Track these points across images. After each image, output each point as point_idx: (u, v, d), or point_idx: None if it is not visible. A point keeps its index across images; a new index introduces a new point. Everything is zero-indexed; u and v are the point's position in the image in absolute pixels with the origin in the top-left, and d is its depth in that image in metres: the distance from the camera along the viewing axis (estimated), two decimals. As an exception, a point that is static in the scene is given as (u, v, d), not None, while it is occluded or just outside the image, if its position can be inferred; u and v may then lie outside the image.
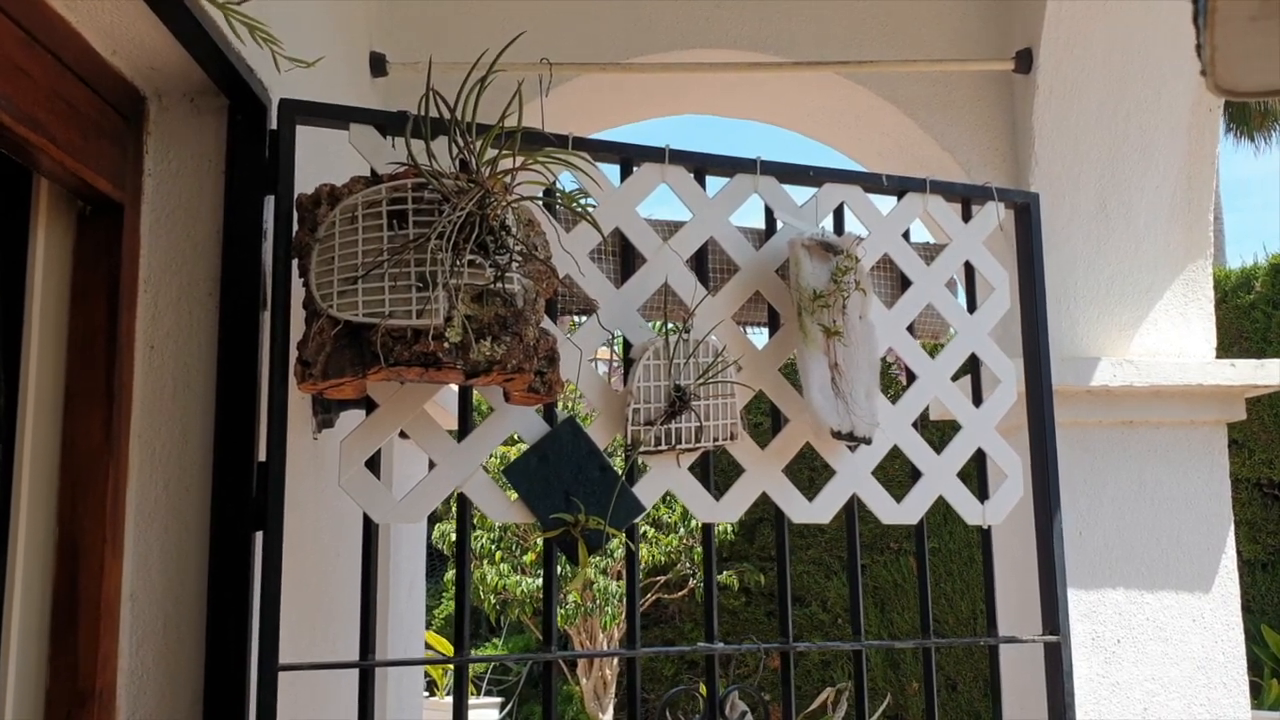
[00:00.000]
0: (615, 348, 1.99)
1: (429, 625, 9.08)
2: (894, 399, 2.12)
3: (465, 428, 1.84)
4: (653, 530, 7.66)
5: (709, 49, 3.03)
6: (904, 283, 2.23)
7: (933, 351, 2.20)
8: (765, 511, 7.28)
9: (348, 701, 1.91)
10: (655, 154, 2.02)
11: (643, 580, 7.51)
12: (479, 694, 8.50)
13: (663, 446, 1.89)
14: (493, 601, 7.81)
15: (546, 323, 1.76)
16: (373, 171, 1.74)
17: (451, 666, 7.34)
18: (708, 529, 2.03)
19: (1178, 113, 2.95)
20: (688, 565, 7.81)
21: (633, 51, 3.00)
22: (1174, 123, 2.95)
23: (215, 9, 1.46)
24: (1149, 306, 2.98)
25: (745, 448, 1.99)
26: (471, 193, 1.53)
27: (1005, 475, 2.21)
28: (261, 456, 1.66)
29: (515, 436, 1.95)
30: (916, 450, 2.15)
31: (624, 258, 2.02)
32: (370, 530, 1.78)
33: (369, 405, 1.75)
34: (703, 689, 1.99)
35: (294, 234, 1.67)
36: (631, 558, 1.96)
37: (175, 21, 1.45)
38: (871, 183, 2.19)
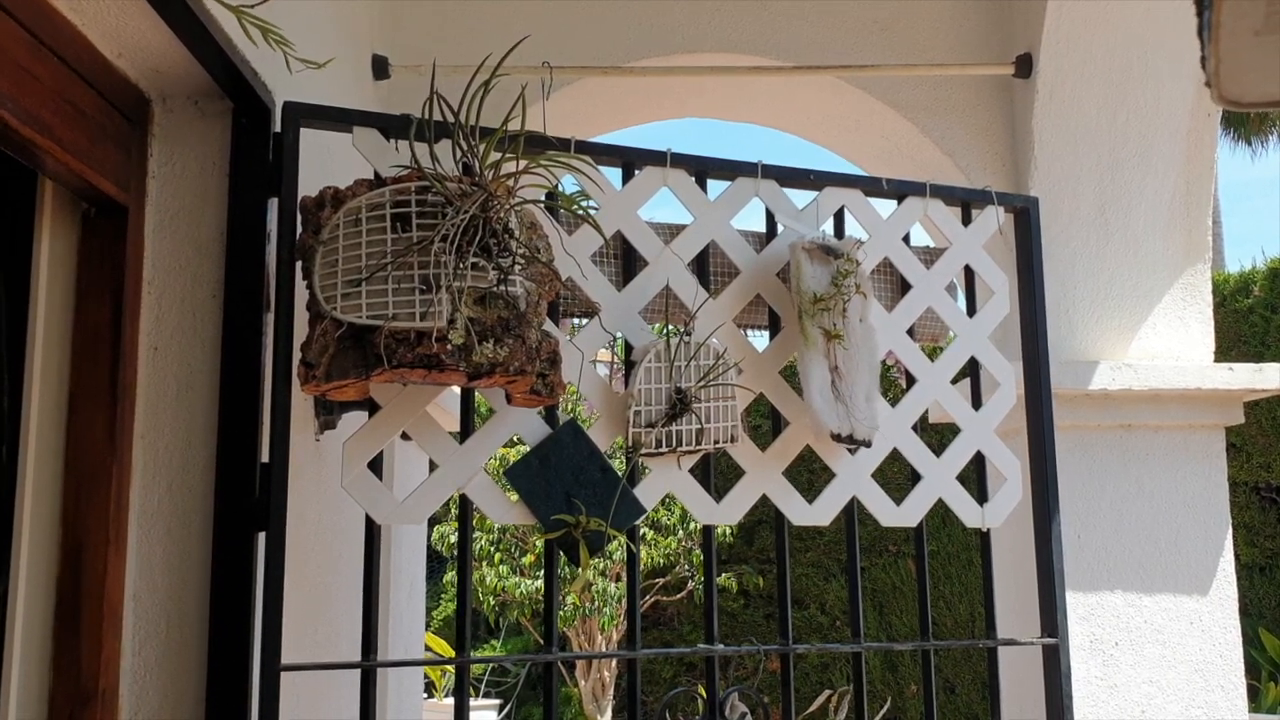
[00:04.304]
0: (616, 350, 2.00)
1: (427, 627, 9.08)
2: (894, 402, 2.13)
3: (467, 429, 1.84)
4: (652, 532, 7.66)
5: (710, 53, 3.04)
6: (904, 286, 2.24)
7: (932, 355, 2.21)
8: (765, 514, 7.29)
9: (349, 701, 1.92)
10: (657, 157, 2.03)
11: (642, 582, 7.52)
12: (477, 695, 8.50)
13: (663, 448, 1.90)
14: (492, 603, 7.81)
15: (548, 325, 1.77)
16: (376, 174, 1.75)
17: (449, 668, 7.33)
18: (708, 531, 2.04)
19: (1176, 117, 2.96)
20: (686, 567, 7.81)
21: (634, 55, 3.01)
22: (1173, 127, 2.96)
23: (227, 12, 1.47)
24: (1148, 310, 2.99)
25: (745, 450, 2.00)
26: (475, 196, 1.54)
27: (1004, 478, 2.22)
28: (264, 458, 1.67)
29: (516, 438, 1.95)
30: (916, 453, 2.15)
31: (625, 260, 2.03)
32: (372, 531, 1.78)
33: (371, 407, 1.76)
34: (702, 691, 2.00)
35: (297, 236, 1.68)
36: (632, 559, 1.96)
37: (180, 24, 1.46)
38: (872, 186, 2.20)
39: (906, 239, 2.23)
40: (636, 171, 2.02)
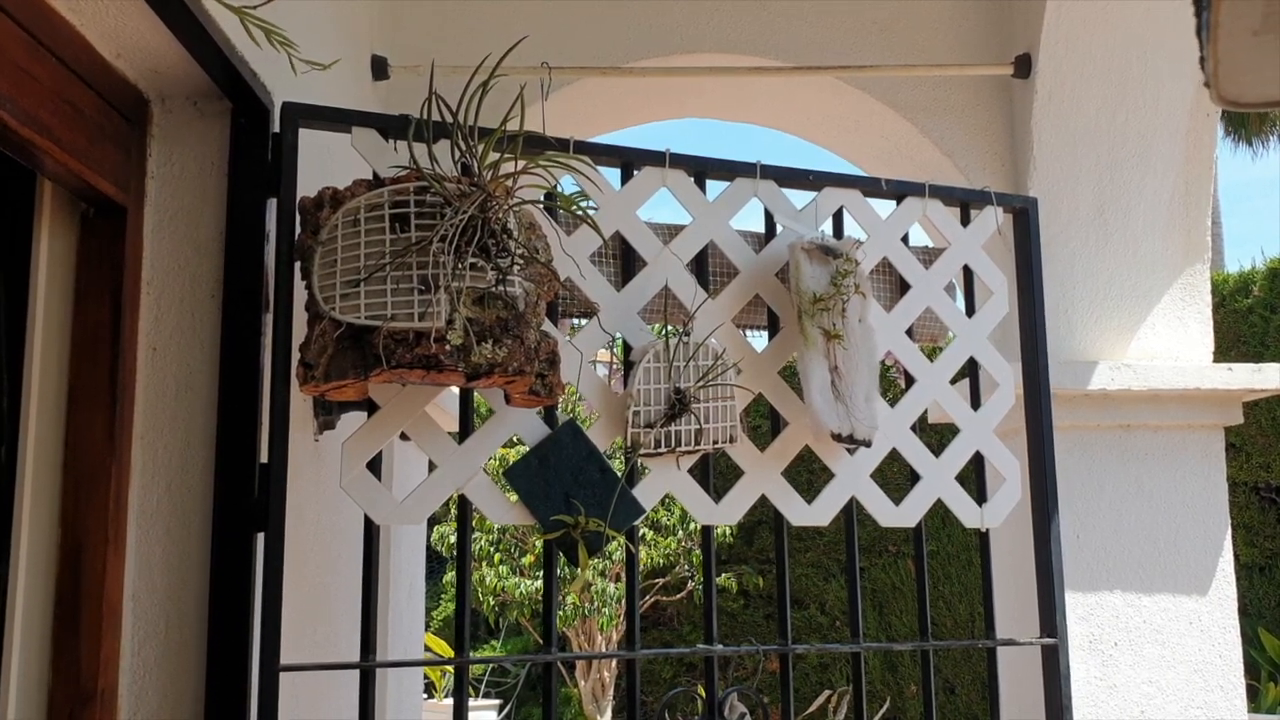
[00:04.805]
0: (615, 350, 2.00)
1: (427, 627, 9.08)
2: (893, 402, 2.13)
3: (466, 430, 1.84)
4: (651, 533, 7.66)
5: (710, 53, 3.04)
6: (903, 286, 2.24)
7: (931, 355, 2.21)
8: (764, 514, 7.29)
9: (348, 702, 1.92)
10: (656, 158, 2.03)
11: (641, 582, 7.51)
12: (477, 696, 8.50)
13: (662, 449, 1.90)
14: (491, 603, 7.81)
15: (547, 325, 1.77)
16: (375, 174, 1.75)
17: (449, 668, 7.35)
18: (707, 531, 2.04)
19: (1176, 117, 2.96)
20: (686, 568, 7.81)
21: (634, 55, 3.01)
22: (1172, 127, 2.96)
23: (226, 12, 1.47)
24: (1147, 310, 2.99)
25: (744, 450, 2.00)
26: (473, 196, 1.54)
27: (1003, 478, 2.22)
28: (263, 458, 1.67)
29: (516, 439, 1.95)
30: (915, 453, 2.15)
31: (624, 261, 2.03)
32: (371, 531, 1.78)
33: (370, 407, 1.76)
34: (701, 691, 2.00)
35: (296, 236, 1.68)
36: (631, 559, 1.96)
37: (179, 25, 1.46)
38: (871, 187, 2.20)
39: (905, 239, 2.23)
40: (635, 172, 2.02)
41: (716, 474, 2.03)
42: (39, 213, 1.55)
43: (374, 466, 1.76)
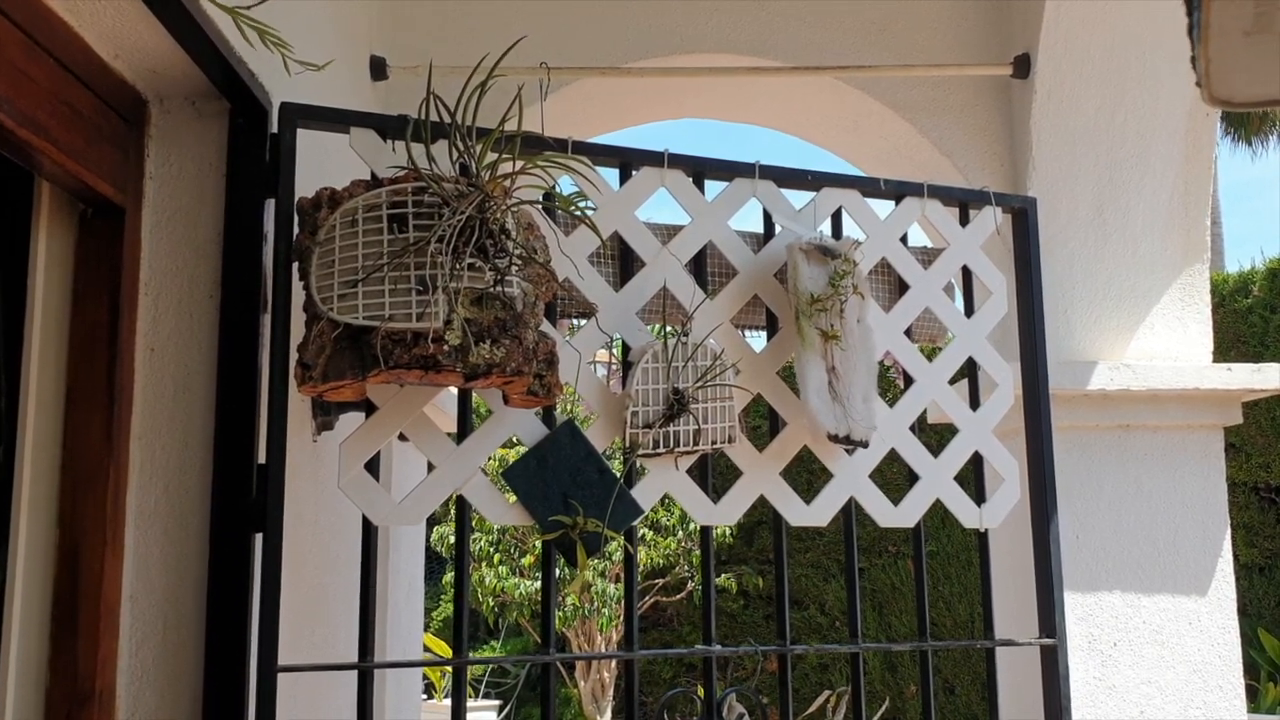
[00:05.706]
0: (614, 351, 2.00)
1: (427, 627, 9.07)
2: (891, 402, 2.12)
3: (464, 430, 1.84)
4: (651, 533, 7.66)
5: (709, 53, 3.04)
6: (901, 286, 2.24)
7: (930, 355, 2.21)
8: (763, 514, 7.28)
9: (347, 702, 1.92)
10: (654, 158, 2.03)
11: (641, 583, 7.50)
12: (477, 696, 8.50)
13: (661, 449, 1.90)
14: (491, 604, 7.81)
15: (545, 326, 1.77)
16: (373, 175, 1.75)
17: (449, 669, 7.34)
18: (706, 531, 2.04)
19: (1175, 117, 2.96)
20: (686, 568, 7.81)
21: (632, 56, 3.01)
22: (1171, 127, 2.96)
23: (223, 13, 1.47)
24: (1146, 310, 2.99)
25: (743, 451, 2.00)
26: (471, 196, 1.54)
27: (1002, 478, 2.22)
28: (261, 458, 1.67)
29: (514, 439, 1.95)
30: (914, 453, 2.15)
31: (623, 261, 2.03)
32: (369, 532, 1.78)
33: (368, 408, 1.76)
34: (700, 691, 2.00)
35: (294, 237, 1.68)
36: (630, 560, 1.96)
37: (177, 25, 1.46)
38: (869, 187, 2.20)
39: (904, 239, 2.23)
40: (634, 172, 2.02)
41: (715, 474, 2.03)
42: (37, 213, 1.55)
43: (372, 467, 1.76)
